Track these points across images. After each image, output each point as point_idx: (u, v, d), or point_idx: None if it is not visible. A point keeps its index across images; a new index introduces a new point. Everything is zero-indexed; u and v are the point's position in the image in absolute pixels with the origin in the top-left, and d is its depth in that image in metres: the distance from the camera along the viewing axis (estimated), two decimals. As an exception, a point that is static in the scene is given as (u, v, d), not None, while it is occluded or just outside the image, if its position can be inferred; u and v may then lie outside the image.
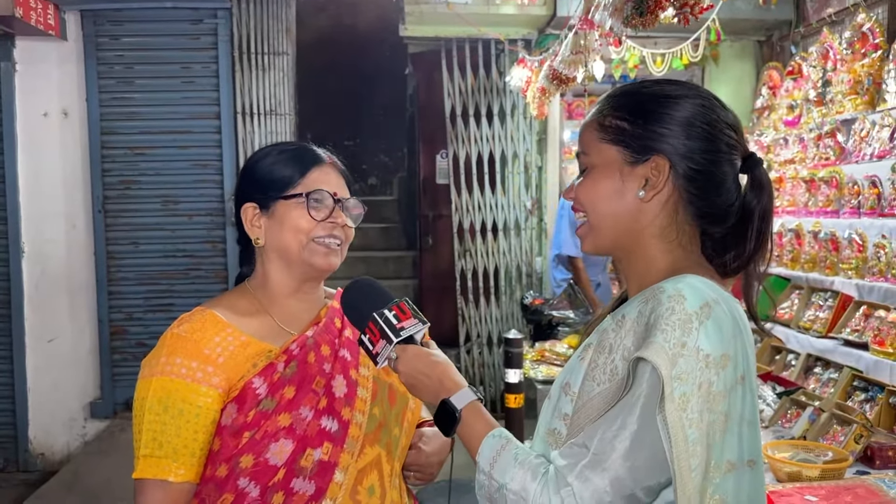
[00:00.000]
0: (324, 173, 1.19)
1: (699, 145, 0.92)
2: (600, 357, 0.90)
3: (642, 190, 0.93)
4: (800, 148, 3.47)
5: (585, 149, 0.98)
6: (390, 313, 1.07)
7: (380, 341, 1.07)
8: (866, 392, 2.34)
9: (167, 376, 1.08)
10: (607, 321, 0.95)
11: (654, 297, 0.87)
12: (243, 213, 1.20)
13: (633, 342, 0.87)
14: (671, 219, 0.94)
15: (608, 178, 0.95)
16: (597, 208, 0.96)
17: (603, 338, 0.91)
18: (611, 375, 0.87)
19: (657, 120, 0.93)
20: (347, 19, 6.80)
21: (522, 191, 4.80)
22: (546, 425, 0.96)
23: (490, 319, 4.83)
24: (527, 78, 3.96)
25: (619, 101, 0.97)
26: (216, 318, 1.14)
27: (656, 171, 0.92)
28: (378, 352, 1.07)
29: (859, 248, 2.71)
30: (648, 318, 0.86)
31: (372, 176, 7.55)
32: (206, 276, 4.29)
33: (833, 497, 1.56)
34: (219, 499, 1.08)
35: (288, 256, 1.17)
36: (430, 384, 1.04)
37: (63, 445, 4.28)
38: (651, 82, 0.98)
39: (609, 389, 0.87)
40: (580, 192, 0.98)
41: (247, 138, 4.24)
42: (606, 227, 0.96)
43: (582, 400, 0.90)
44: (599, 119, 0.97)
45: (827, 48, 3.41)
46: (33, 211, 4.22)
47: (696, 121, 0.93)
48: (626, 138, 0.94)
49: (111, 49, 4.21)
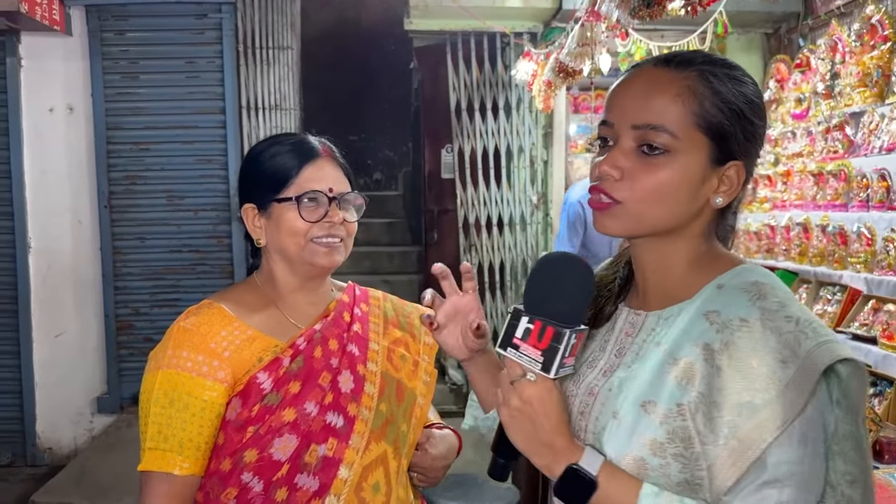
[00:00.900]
0: (318, 169, 1.16)
1: (758, 154, 0.87)
2: (743, 368, 0.75)
3: (720, 196, 0.83)
4: (808, 141, 3.44)
5: (669, 125, 0.80)
6: (573, 333, 0.80)
7: (533, 349, 0.80)
8: (875, 387, 2.33)
9: (173, 369, 1.08)
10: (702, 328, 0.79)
11: (769, 293, 0.79)
12: (244, 213, 1.19)
13: (778, 340, 0.75)
14: (717, 217, 0.87)
15: (691, 173, 0.81)
16: (660, 200, 0.81)
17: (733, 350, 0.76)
18: (771, 383, 0.74)
19: (753, 127, 0.84)
20: (352, 13, 6.78)
21: (528, 185, 4.78)
22: (621, 454, 0.80)
23: (496, 314, 4.82)
24: (532, 71, 3.94)
25: (726, 89, 0.82)
26: (223, 312, 1.14)
27: (736, 177, 0.83)
28: (521, 350, 0.81)
29: (868, 242, 2.69)
30: (787, 311, 0.77)
31: (377, 171, 7.53)
32: (211, 272, 4.29)
33: (842, 492, 1.55)
34: (222, 493, 1.08)
35: (289, 257, 1.16)
36: (541, 431, 0.81)
37: (70, 440, 4.30)
38: (744, 72, 0.86)
39: (782, 396, 0.73)
40: (649, 178, 0.80)
41: (251, 133, 4.24)
42: (655, 219, 0.82)
43: (741, 419, 0.74)
44: (699, 98, 0.81)
45: (835, 40, 3.38)
46: (39, 206, 4.23)
47: (763, 129, 0.87)
48: (725, 135, 0.82)
49: (116, 44, 4.21)
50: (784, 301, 0.78)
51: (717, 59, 0.86)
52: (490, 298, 4.81)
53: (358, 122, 7.20)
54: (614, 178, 0.82)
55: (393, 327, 1.25)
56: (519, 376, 0.82)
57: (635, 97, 0.82)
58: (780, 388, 0.73)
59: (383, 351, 1.21)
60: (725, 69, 0.84)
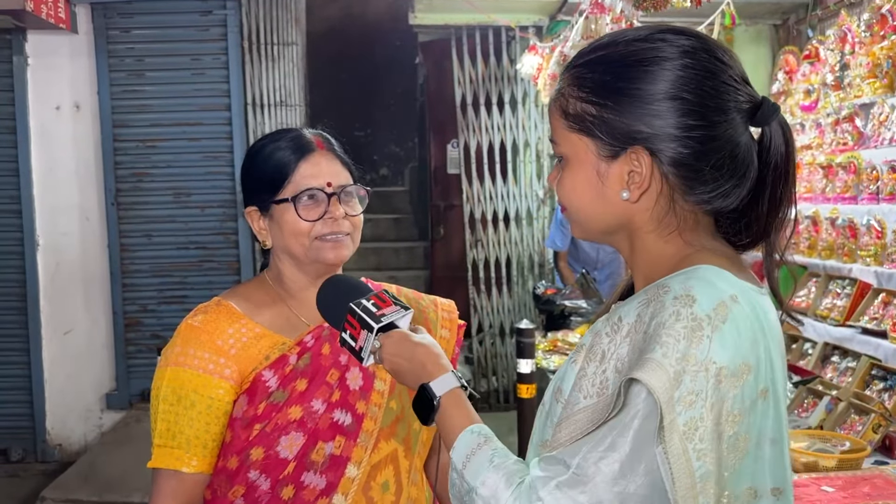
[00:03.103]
0: (313, 164, 1.13)
1: (692, 120, 0.75)
2: (590, 365, 0.77)
3: (626, 190, 0.78)
4: (817, 133, 3.41)
5: (554, 136, 0.83)
6: (368, 302, 1.01)
7: (361, 333, 1.00)
8: (885, 381, 2.30)
9: (181, 367, 1.08)
10: (601, 322, 0.80)
11: (657, 299, 0.73)
12: (248, 217, 1.18)
13: (628, 353, 0.74)
14: (668, 209, 0.79)
15: (584, 176, 0.80)
16: (579, 208, 0.83)
17: (595, 342, 0.78)
18: (600, 389, 0.75)
19: (630, 99, 0.76)
20: (357, 8, 6.77)
21: (534, 180, 4.77)
22: (539, 435, 0.85)
23: (502, 309, 4.81)
24: (538, 65, 3.92)
25: (582, 74, 0.79)
26: (231, 310, 1.13)
27: (638, 164, 0.77)
28: (362, 345, 1.00)
29: (878, 235, 2.66)
30: (648, 325, 0.72)
31: (383, 166, 7.53)
32: (218, 268, 4.30)
33: (850, 488, 1.54)
34: (230, 491, 1.08)
35: (295, 257, 1.14)
36: (411, 368, 0.96)
37: (80, 436, 4.33)
38: (621, 41, 0.78)
39: (597, 405, 0.74)
40: (559, 187, 0.84)
41: (257, 129, 4.24)
42: (593, 225, 0.84)
43: (567, 411, 0.77)
44: (562, 102, 0.80)
45: (844, 31, 3.34)
46: (47, 204, 4.25)
47: (684, 90, 0.75)
48: (596, 127, 0.77)
49: (122, 42, 4.22)
50: (659, 309, 0.72)
51: (601, 42, 0.81)
52: (497, 293, 4.80)
53: (364, 117, 7.19)
54: (554, 188, 0.87)
55: None
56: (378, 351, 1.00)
57: (549, 115, 0.86)
58: (602, 396, 0.74)
59: None
60: (602, 52, 0.79)
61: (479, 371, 4.83)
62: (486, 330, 4.82)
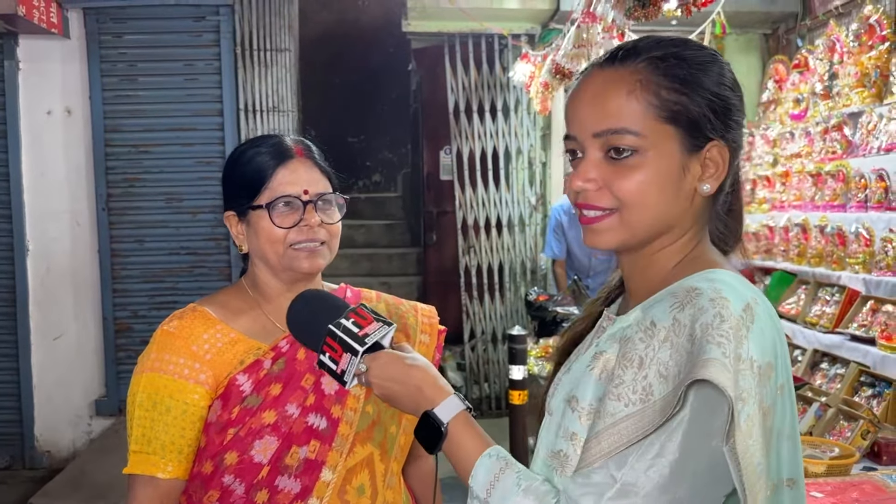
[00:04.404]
0: (291, 171, 1.13)
1: (740, 124, 0.81)
2: (627, 372, 0.74)
3: (707, 183, 0.79)
4: (806, 142, 3.44)
5: (632, 125, 0.77)
6: (348, 321, 0.95)
7: (343, 356, 0.94)
8: (873, 387, 2.32)
9: (156, 372, 1.09)
10: (620, 326, 0.80)
11: (691, 302, 0.73)
12: (227, 221, 1.18)
13: (671, 356, 0.72)
14: (708, 209, 0.82)
15: (668, 168, 0.77)
16: (649, 203, 0.78)
17: (628, 348, 0.75)
18: (643, 395, 0.72)
19: (722, 99, 0.79)
20: (350, 15, 6.78)
21: (527, 187, 4.78)
22: (549, 446, 0.82)
23: (495, 316, 4.82)
24: (530, 73, 3.94)
25: (666, 65, 0.78)
26: (206, 315, 1.14)
27: (719, 157, 0.79)
28: (344, 369, 0.94)
29: (866, 243, 2.68)
30: (692, 327, 0.72)
31: (376, 172, 7.52)
32: (210, 274, 4.29)
33: (839, 493, 1.54)
34: (205, 495, 1.09)
35: (270, 263, 1.15)
36: (407, 392, 0.91)
37: (69, 443, 4.30)
38: (689, 43, 0.82)
39: (644, 412, 0.72)
40: (627, 183, 0.77)
41: (249, 135, 4.23)
42: (648, 224, 0.79)
43: (605, 422, 0.74)
44: (655, 90, 0.77)
45: (833, 41, 3.38)
46: (38, 209, 4.23)
47: (736, 89, 0.81)
48: (692, 120, 0.77)
49: (114, 47, 4.21)
50: (699, 313, 0.72)
51: (664, 39, 0.81)
52: (489, 300, 4.81)
53: (357, 123, 7.20)
54: (591, 189, 0.79)
55: None
56: (364, 374, 0.95)
57: (590, 104, 0.79)
58: (648, 403, 0.72)
59: None
60: (676, 49, 0.79)
61: (472, 377, 4.83)
62: (479, 336, 4.82)
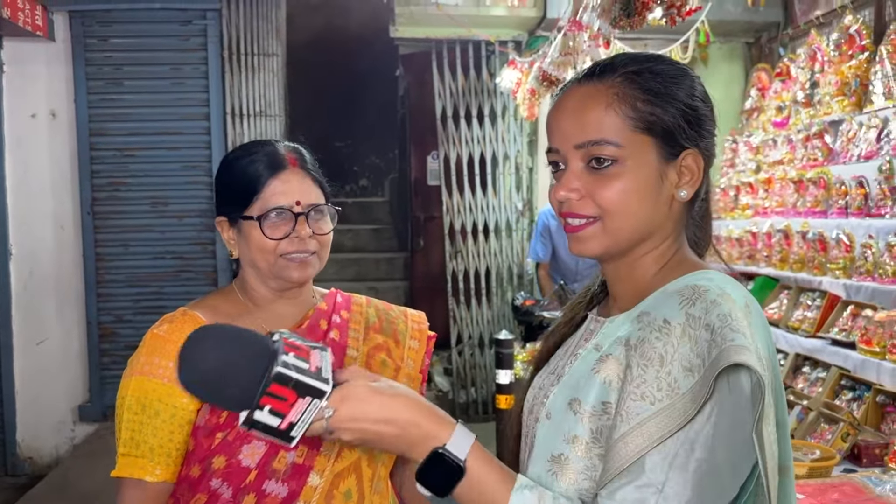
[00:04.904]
0: (283, 182, 1.13)
1: (712, 134, 0.86)
2: (648, 371, 0.73)
3: (683, 189, 0.83)
4: (788, 149, 3.49)
5: (611, 136, 0.80)
6: (289, 356, 0.75)
7: (297, 403, 0.74)
8: (854, 391, 2.36)
9: (145, 376, 1.09)
10: (615, 329, 0.82)
11: (700, 297, 0.75)
12: (218, 226, 1.19)
13: (692, 349, 0.72)
14: (685, 215, 0.87)
15: (645, 176, 0.81)
16: (630, 211, 0.81)
17: (646, 348, 0.75)
18: (669, 391, 0.72)
19: (695, 110, 0.83)
20: (338, 20, 6.79)
21: (513, 192, 4.81)
22: (547, 451, 0.81)
23: (481, 320, 4.83)
24: (517, 79, 3.97)
25: (642, 79, 0.82)
26: (197, 319, 1.14)
27: (694, 165, 0.83)
28: (293, 421, 0.75)
29: (847, 249, 2.73)
30: (708, 318, 0.73)
31: (363, 177, 7.53)
32: (196, 278, 4.27)
33: (820, 495, 1.57)
34: (192, 499, 1.09)
35: (260, 271, 1.16)
36: (398, 431, 0.77)
37: (52, 449, 4.25)
38: (662, 58, 0.86)
39: (673, 407, 0.72)
40: (608, 192, 0.81)
41: (236, 139, 4.23)
42: (630, 230, 0.83)
43: (630, 423, 0.73)
44: (631, 102, 0.81)
45: (815, 50, 3.43)
46: (21, 213, 4.19)
47: (707, 100, 0.86)
48: (667, 130, 0.81)
49: (100, 50, 4.19)
50: (711, 307, 0.74)
51: (641, 56, 0.86)
52: (476, 304, 4.82)
53: (344, 128, 7.20)
54: (574, 198, 0.83)
55: (374, 333, 1.24)
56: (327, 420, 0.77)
57: (570, 118, 0.83)
58: (676, 397, 0.72)
59: (362, 357, 1.20)
60: (650, 64, 0.84)
61: (458, 382, 4.84)
62: (466, 341, 4.83)
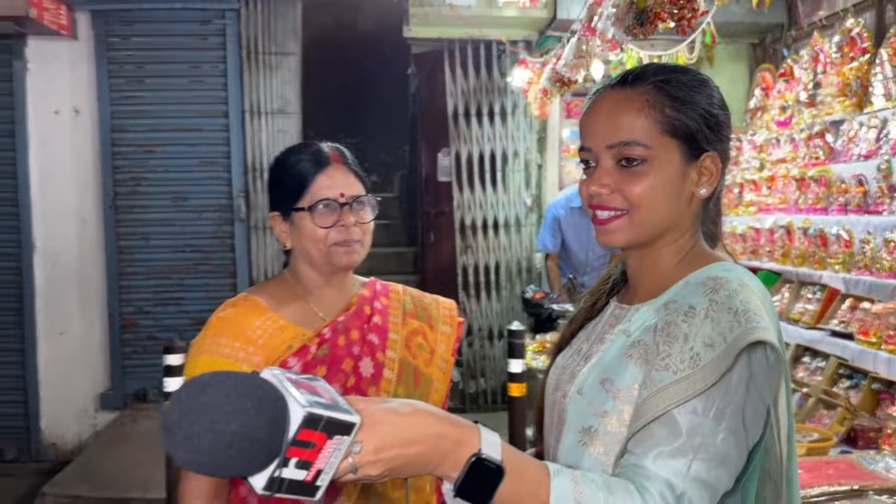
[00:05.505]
0: (328, 176, 1.25)
1: (729, 138, 0.96)
2: (673, 347, 0.83)
3: (703, 188, 0.93)
4: (791, 148, 3.58)
5: (641, 138, 0.90)
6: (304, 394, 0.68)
7: (326, 446, 0.67)
8: (851, 379, 2.46)
9: (213, 355, 1.19)
10: (658, 316, 0.88)
11: (723, 286, 0.85)
12: (272, 220, 1.31)
13: (713, 328, 0.82)
14: (701, 211, 0.96)
15: (670, 175, 0.91)
16: (655, 206, 0.91)
17: (671, 329, 0.84)
18: (691, 363, 0.81)
19: (715, 118, 0.93)
20: (351, 20, 6.88)
21: (523, 188, 4.91)
22: (579, 423, 0.90)
23: (491, 313, 4.95)
24: (528, 79, 4.07)
25: (670, 88, 0.92)
26: (258, 304, 1.25)
27: (713, 166, 0.93)
28: (321, 468, 0.68)
29: (846, 244, 2.82)
30: (730, 302, 0.83)
31: (374, 173, 7.62)
32: (214, 271, 4.39)
33: (816, 469, 1.68)
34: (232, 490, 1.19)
35: (312, 259, 1.27)
36: (425, 449, 0.73)
37: (74, 436, 4.38)
38: (697, 73, 0.96)
39: (693, 376, 0.80)
40: (636, 188, 0.90)
41: (254, 137, 4.34)
42: (654, 223, 0.92)
43: (651, 389, 0.82)
44: (660, 108, 0.91)
45: (817, 51, 3.52)
46: (45, 207, 4.31)
47: (727, 116, 0.96)
48: (689, 135, 0.91)
49: (122, 49, 4.31)
50: (733, 294, 0.84)
51: (668, 66, 0.96)
52: (486, 298, 4.94)
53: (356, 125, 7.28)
54: (605, 193, 0.92)
55: (411, 318, 1.36)
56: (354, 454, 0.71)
57: (604, 120, 0.93)
58: (695, 368, 0.80)
59: (402, 340, 1.32)
60: (676, 75, 0.94)
61: (469, 373, 4.96)
62: (476, 333, 4.94)
